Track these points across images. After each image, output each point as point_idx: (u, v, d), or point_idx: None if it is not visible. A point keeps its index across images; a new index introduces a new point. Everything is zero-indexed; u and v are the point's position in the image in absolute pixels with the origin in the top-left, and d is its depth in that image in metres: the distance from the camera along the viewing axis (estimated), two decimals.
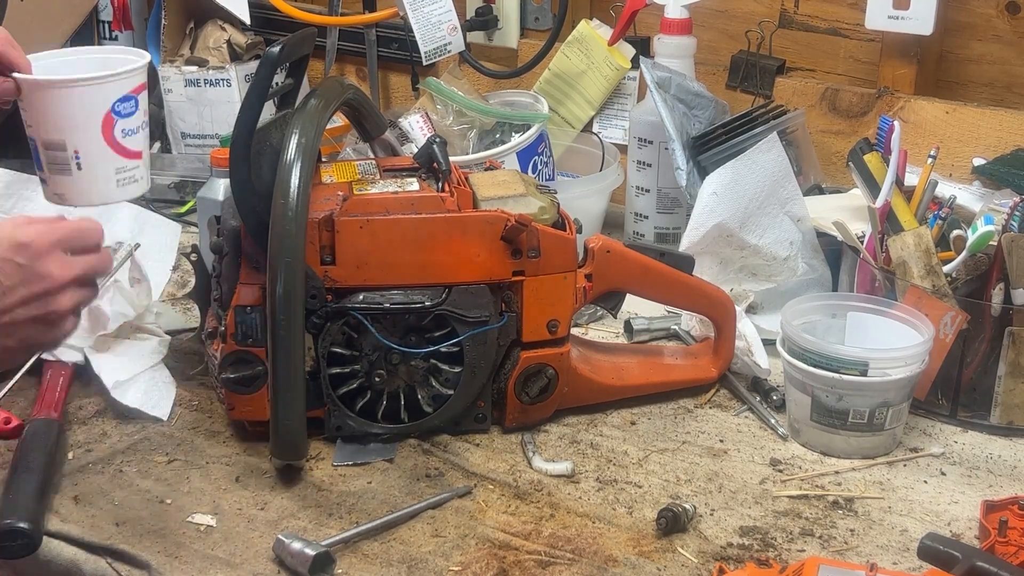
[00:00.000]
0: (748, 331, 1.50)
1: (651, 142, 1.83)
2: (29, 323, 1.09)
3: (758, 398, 1.46)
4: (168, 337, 1.51)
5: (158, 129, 2.17)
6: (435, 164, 1.35)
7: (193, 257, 1.43)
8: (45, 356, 1.45)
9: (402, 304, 1.30)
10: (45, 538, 1.20)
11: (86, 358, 1.47)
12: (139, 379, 1.44)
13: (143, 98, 1.26)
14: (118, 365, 1.45)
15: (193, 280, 1.44)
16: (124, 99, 1.23)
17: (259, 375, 1.31)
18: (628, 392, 1.46)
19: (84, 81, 1.21)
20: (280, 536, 1.17)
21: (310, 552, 1.14)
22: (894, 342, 1.37)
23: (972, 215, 1.52)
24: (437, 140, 1.36)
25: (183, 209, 2.01)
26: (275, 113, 1.35)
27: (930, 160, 1.49)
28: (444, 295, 1.31)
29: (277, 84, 1.32)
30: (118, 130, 1.23)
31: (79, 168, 1.25)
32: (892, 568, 1.16)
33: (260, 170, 1.26)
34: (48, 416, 1.36)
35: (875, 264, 1.47)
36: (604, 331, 1.64)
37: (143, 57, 1.27)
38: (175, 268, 1.74)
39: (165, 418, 1.40)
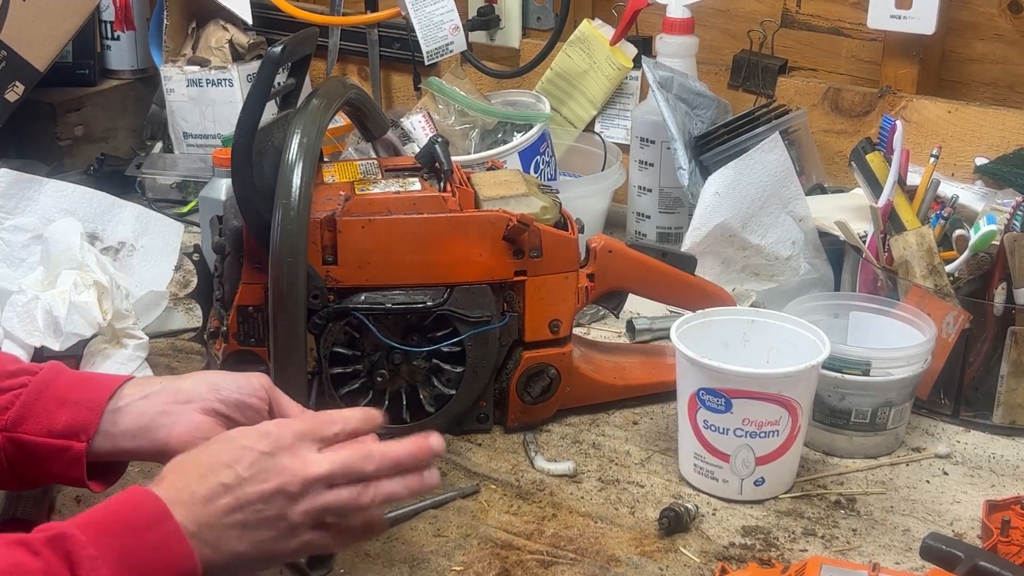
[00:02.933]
0: None
1: (653, 142, 1.83)
2: (264, 524, 0.94)
3: None
4: (145, 339, 1.50)
5: (160, 129, 2.18)
6: (437, 164, 1.35)
7: (195, 257, 1.43)
8: (47, 353, 1.45)
9: (404, 304, 1.30)
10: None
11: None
12: None
13: None
14: None
15: (195, 280, 1.44)
16: None
17: None
18: (630, 392, 1.46)
19: None
20: None
21: None
22: (896, 342, 1.37)
23: (974, 215, 1.52)
24: (439, 140, 1.36)
25: (185, 209, 2.01)
26: (277, 113, 1.35)
27: (932, 160, 1.49)
28: (446, 295, 1.31)
29: (279, 84, 1.31)
30: None
31: None
32: (894, 568, 1.16)
33: (262, 170, 1.25)
34: None
35: (877, 264, 1.47)
36: (606, 331, 1.64)
37: None
38: (177, 268, 1.74)
39: None
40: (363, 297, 1.30)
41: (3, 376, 1.09)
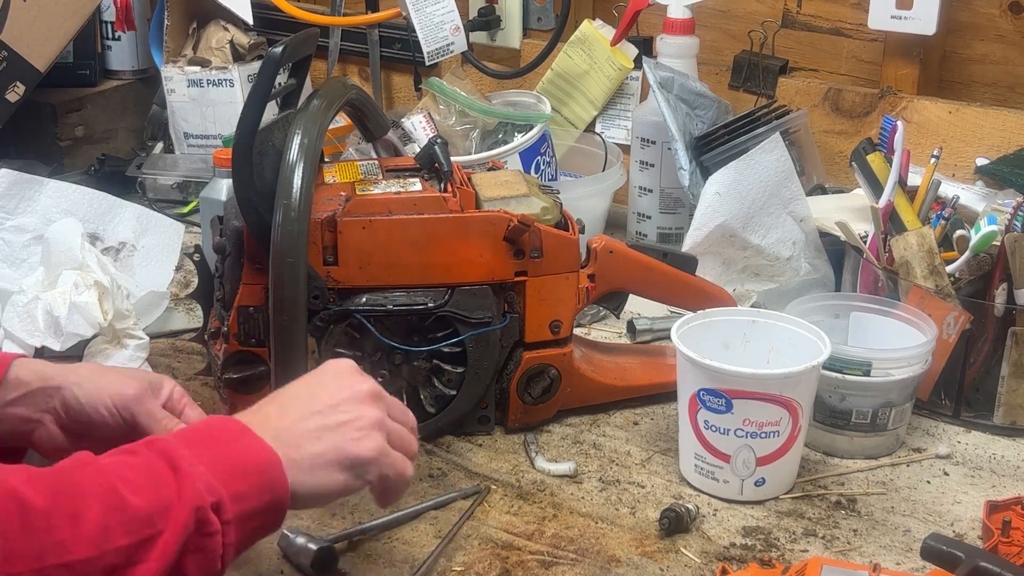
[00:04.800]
0: None
1: (654, 142, 1.83)
2: (338, 426, 1.00)
3: None
4: (146, 339, 1.50)
5: (160, 129, 2.18)
6: (437, 165, 1.35)
7: (196, 257, 1.43)
8: (48, 353, 1.45)
9: (405, 305, 1.30)
10: None
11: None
12: None
13: None
14: None
15: (196, 280, 1.44)
16: None
17: (261, 375, 1.31)
18: (631, 392, 1.46)
19: None
20: (285, 531, 1.18)
21: (313, 547, 1.15)
22: (897, 342, 1.37)
23: (975, 215, 1.52)
24: (439, 141, 1.36)
25: (186, 209, 2.01)
26: (278, 114, 1.35)
27: (933, 160, 1.49)
28: (447, 296, 1.31)
29: (280, 84, 1.31)
30: None
31: None
32: (895, 568, 1.16)
33: (263, 171, 1.25)
34: None
35: (878, 264, 1.47)
36: (607, 331, 1.64)
37: None
38: (178, 268, 1.74)
39: None
40: (364, 299, 1.30)
41: None
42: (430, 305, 1.30)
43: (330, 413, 1.01)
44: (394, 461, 1.03)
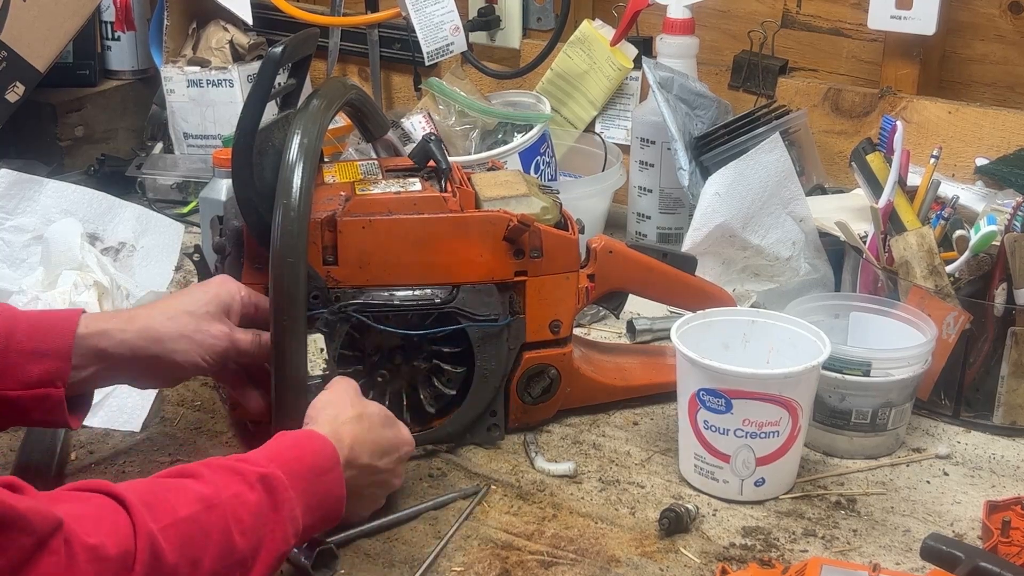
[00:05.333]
0: None
1: (653, 142, 1.83)
2: (365, 498, 1.19)
3: None
4: None
5: (160, 130, 2.18)
6: (430, 163, 1.35)
7: (196, 257, 1.43)
8: None
9: (413, 301, 1.30)
10: None
11: None
12: (110, 398, 1.41)
13: None
14: None
15: (196, 280, 1.44)
16: None
17: None
18: (630, 392, 1.46)
19: None
20: None
21: (313, 547, 1.15)
22: (897, 342, 1.37)
23: (975, 215, 1.52)
24: (432, 138, 1.36)
25: (185, 209, 2.01)
26: (277, 114, 1.35)
27: (933, 160, 1.49)
28: (453, 293, 1.31)
29: (279, 84, 1.31)
30: None
31: None
32: (895, 568, 1.16)
33: (262, 171, 1.25)
34: None
35: (878, 264, 1.47)
36: (606, 331, 1.64)
37: None
38: (178, 268, 1.74)
39: (137, 430, 1.39)
40: (371, 296, 1.29)
41: None
42: (437, 301, 1.30)
43: (373, 490, 1.19)
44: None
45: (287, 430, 1.13)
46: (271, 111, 1.31)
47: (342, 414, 1.15)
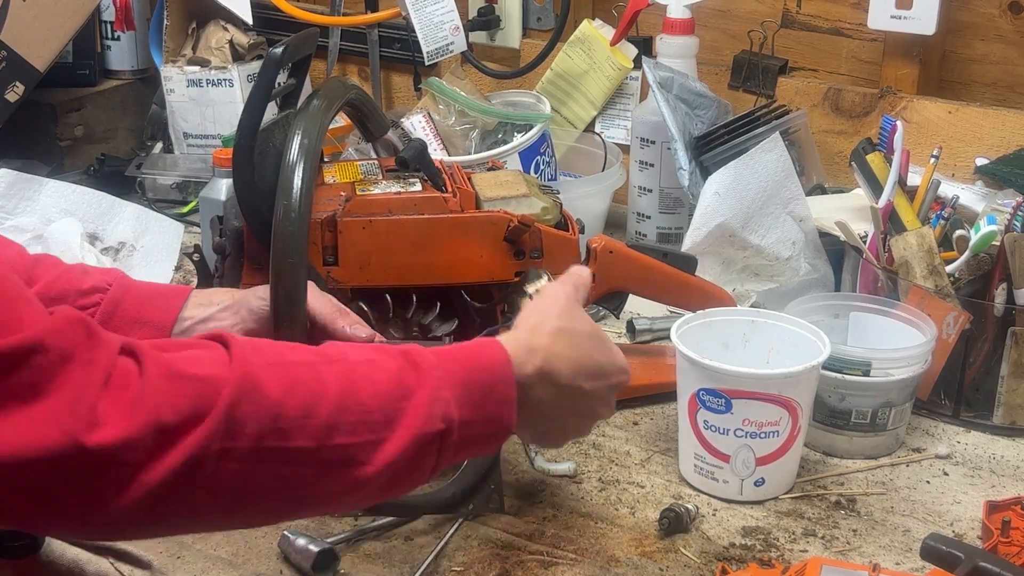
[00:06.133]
0: None
1: (653, 142, 1.83)
2: (566, 427, 1.06)
3: None
4: None
5: (160, 129, 2.18)
6: (417, 168, 1.34)
7: (195, 257, 1.43)
8: None
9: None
10: (47, 538, 1.20)
11: None
12: None
13: None
14: None
15: (195, 280, 1.44)
16: None
17: None
18: (630, 392, 1.45)
19: None
20: (285, 532, 1.18)
21: (314, 548, 1.15)
22: (897, 342, 1.37)
23: (975, 215, 1.52)
24: (412, 149, 1.34)
25: (185, 209, 2.01)
26: (278, 114, 1.34)
27: (933, 160, 1.49)
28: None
29: (279, 84, 1.31)
30: None
31: None
32: (895, 568, 1.16)
33: (263, 171, 1.25)
34: None
35: (878, 264, 1.47)
36: (606, 331, 1.63)
37: None
38: (177, 268, 1.74)
39: None
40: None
41: (78, 295, 1.17)
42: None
43: (575, 418, 1.04)
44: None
45: None
46: (271, 111, 1.31)
47: (544, 325, 1.02)
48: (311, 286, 1.20)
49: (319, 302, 1.20)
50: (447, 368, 0.94)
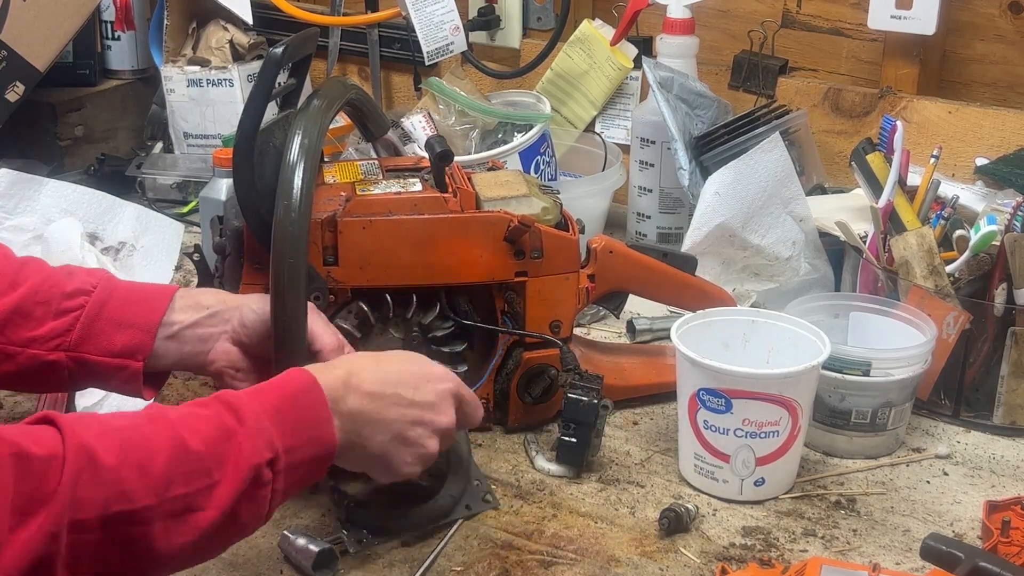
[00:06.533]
0: None
1: (653, 142, 1.83)
2: (400, 439, 1.08)
3: None
4: None
5: (160, 129, 2.18)
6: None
7: (196, 257, 1.43)
8: None
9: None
10: None
11: None
12: (109, 397, 1.41)
13: None
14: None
15: (195, 280, 1.44)
16: None
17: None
18: (630, 392, 1.46)
19: None
20: (286, 532, 1.18)
21: (314, 548, 1.15)
22: (897, 342, 1.37)
23: (975, 215, 1.52)
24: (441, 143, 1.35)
25: (185, 209, 2.01)
26: (278, 114, 1.34)
27: (933, 160, 1.49)
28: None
29: (280, 84, 1.31)
30: None
31: None
32: (895, 568, 1.16)
33: (263, 171, 1.25)
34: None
35: (878, 264, 1.47)
36: (606, 331, 1.64)
37: None
38: (177, 268, 1.74)
39: None
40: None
41: (63, 297, 1.18)
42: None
43: (405, 427, 1.08)
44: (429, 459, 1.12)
45: None
46: (271, 111, 1.31)
47: (349, 357, 1.12)
48: (319, 315, 1.21)
49: (325, 334, 1.20)
50: (261, 401, 0.99)
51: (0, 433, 0.86)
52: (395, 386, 1.08)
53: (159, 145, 2.17)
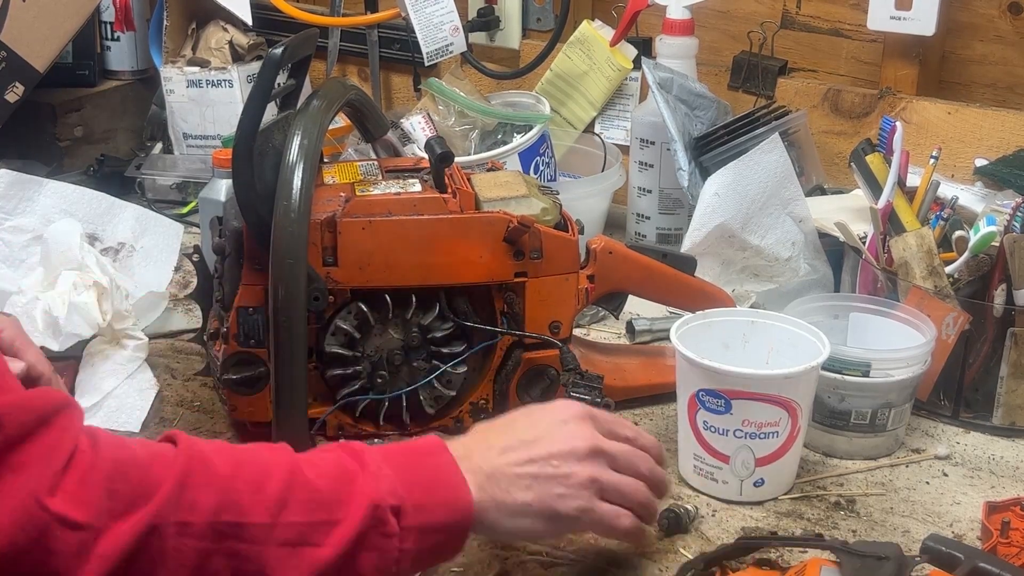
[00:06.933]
0: None
1: (653, 143, 1.83)
2: (551, 479, 1.03)
3: None
4: (145, 340, 1.50)
5: (160, 130, 2.18)
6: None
7: (195, 258, 1.43)
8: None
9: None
10: None
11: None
12: (109, 398, 1.41)
13: None
14: (91, 385, 1.43)
15: (195, 281, 1.44)
16: None
17: (261, 376, 1.31)
18: (630, 393, 1.46)
19: None
20: None
21: None
22: (896, 343, 1.37)
23: (974, 216, 1.52)
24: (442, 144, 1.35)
25: (185, 210, 2.01)
26: (277, 114, 1.35)
27: (932, 161, 1.49)
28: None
29: (279, 85, 1.32)
30: None
31: None
32: None
33: (263, 171, 1.25)
34: None
35: (877, 265, 1.47)
36: (606, 332, 1.64)
37: None
38: (177, 269, 1.74)
39: (136, 430, 1.38)
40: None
41: None
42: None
43: (544, 464, 1.02)
44: (601, 517, 1.06)
45: (287, 427, 1.12)
46: (271, 112, 1.31)
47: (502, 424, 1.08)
48: (28, 341, 1.19)
49: (39, 363, 1.18)
50: (383, 451, 0.96)
51: (112, 435, 0.87)
52: (515, 448, 1.03)
53: (159, 146, 2.17)
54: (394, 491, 0.93)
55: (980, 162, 1.74)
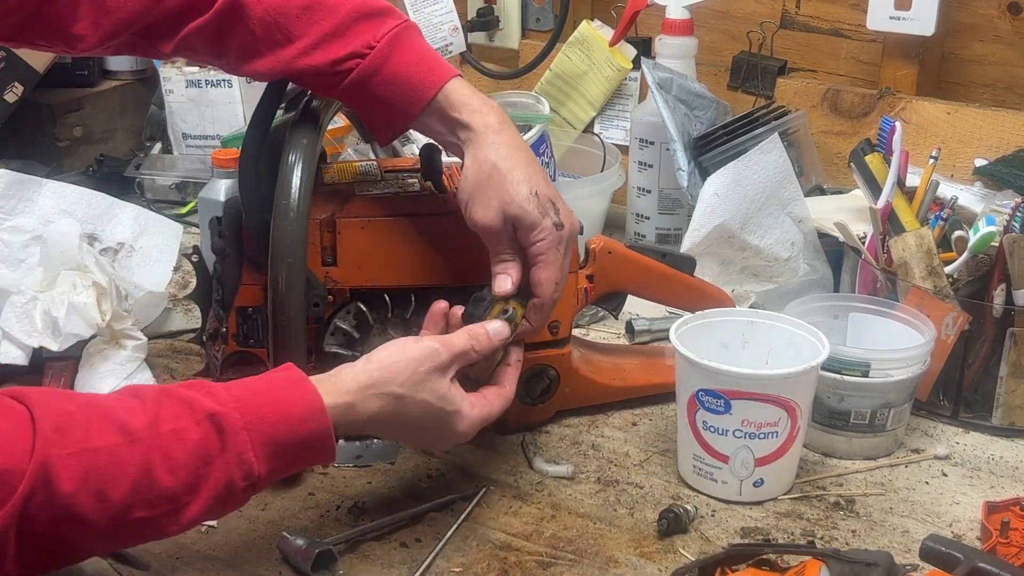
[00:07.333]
0: None
1: (652, 143, 1.83)
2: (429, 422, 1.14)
3: None
4: (144, 340, 1.50)
5: (159, 130, 2.18)
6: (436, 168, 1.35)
7: (194, 258, 1.43)
8: (46, 354, 1.46)
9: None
10: None
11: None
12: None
13: None
14: (90, 385, 1.43)
15: (194, 281, 1.44)
16: None
17: None
18: (629, 393, 1.46)
19: None
20: (285, 533, 1.18)
21: (312, 549, 1.15)
22: (896, 343, 1.37)
23: (974, 216, 1.52)
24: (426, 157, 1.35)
25: (184, 210, 2.01)
26: (283, 115, 1.34)
27: (932, 161, 1.49)
28: None
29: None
30: None
31: None
32: None
33: (267, 172, 1.25)
34: None
35: (877, 265, 1.47)
36: (605, 332, 1.64)
37: None
38: (176, 269, 1.74)
39: None
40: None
41: (331, 64, 1.23)
42: None
43: (411, 412, 1.12)
44: (469, 432, 1.17)
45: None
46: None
47: (380, 387, 1.11)
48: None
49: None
50: (256, 428, 0.99)
51: None
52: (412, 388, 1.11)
53: (158, 146, 2.17)
54: (249, 473, 0.98)
55: (979, 162, 1.74)
